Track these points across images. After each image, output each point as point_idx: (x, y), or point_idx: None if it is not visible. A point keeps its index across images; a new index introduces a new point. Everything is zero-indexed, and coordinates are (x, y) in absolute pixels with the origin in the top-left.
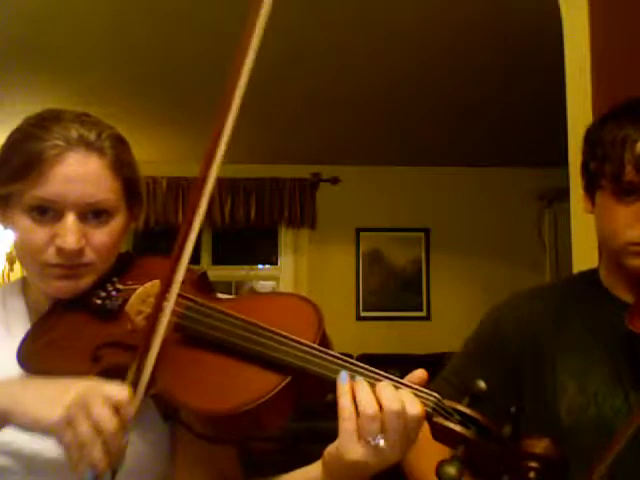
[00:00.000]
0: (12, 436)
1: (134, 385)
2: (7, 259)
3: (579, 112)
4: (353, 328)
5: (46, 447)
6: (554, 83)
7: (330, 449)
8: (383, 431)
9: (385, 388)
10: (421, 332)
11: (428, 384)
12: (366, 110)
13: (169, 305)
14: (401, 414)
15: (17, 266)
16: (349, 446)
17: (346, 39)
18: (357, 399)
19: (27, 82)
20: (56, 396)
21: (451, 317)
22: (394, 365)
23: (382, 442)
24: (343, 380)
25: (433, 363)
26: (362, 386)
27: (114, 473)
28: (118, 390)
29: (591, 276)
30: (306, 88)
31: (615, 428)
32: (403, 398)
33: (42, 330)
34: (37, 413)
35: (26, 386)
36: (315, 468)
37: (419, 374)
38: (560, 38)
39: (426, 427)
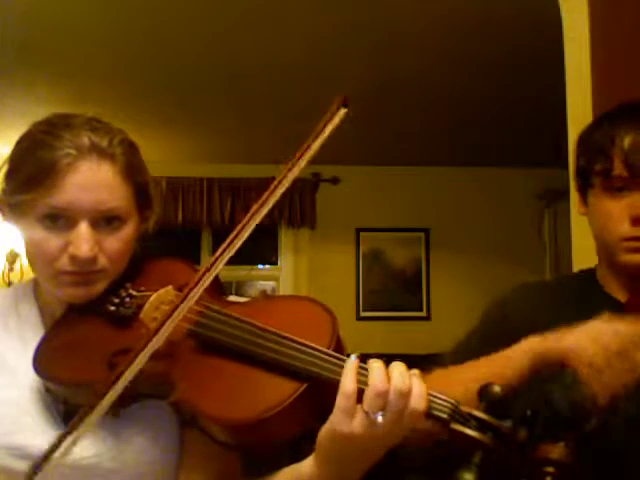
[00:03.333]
0: (27, 440)
1: (114, 382)
2: (7, 259)
3: (579, 112)
4: (353, 328)
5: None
6: (554, 83)
7: (323, 432)
8: (384, 407)
9: (398, 366)
10: (421, 332)
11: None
12: (366, 110)
13: (182, 310)
14: (405, 395)
15: (17, 266)
16: (344, 421)
17: (345, 39)
18: (371, 372)
19: (29, 83)
20: None
21: (451, 317)
22: None
23: (380, 418)
24: (353, 357)
25: (433, 363)
26: (377, 363)
27: None
28: None
29: (588, 275)
30: (306, 88)
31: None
32: (413, 384)
33: (57, 337)
34: None
35: None
36: (306, 462)
37: (413, 373)
38: (560, 39)
39: None
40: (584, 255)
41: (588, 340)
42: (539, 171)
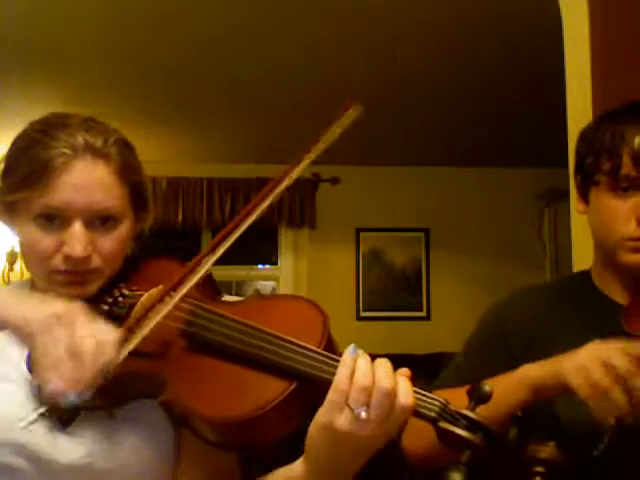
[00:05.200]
0: (27, 438)
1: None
2: (7, 259)
3: (579, 112)
4: (353, 328)
5: (61, 452)
6: (554, 83)
7: (312, 427)
8: (368, 404)
9: (383, 364)
10: (421, 332)
11: (414, 381)
12: (366, 110)
13: (169, 303)
14: (390, 394)
15: (17, 266)
16: (331, 415)
17: (346, 39)
18: (355, 368)
19: (26, 82)
20: (49, 302)
21: (451, 317)
22: (394, 365)
23: (364, 414)
24: (351, 352)
25: (433, 363)
26: (364, 358)
27: (76, 408)
28: (109, 328)
29: (584, 277)
30: (306, 88)
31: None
32: (399, 382)
33: None
34: (25, 312)
35: (23, 293)
36: (297, 463)
37: (403, 372)
38: (560, 38)
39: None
40: (584, 255)
41: (589, 359)
42: (539, 171)
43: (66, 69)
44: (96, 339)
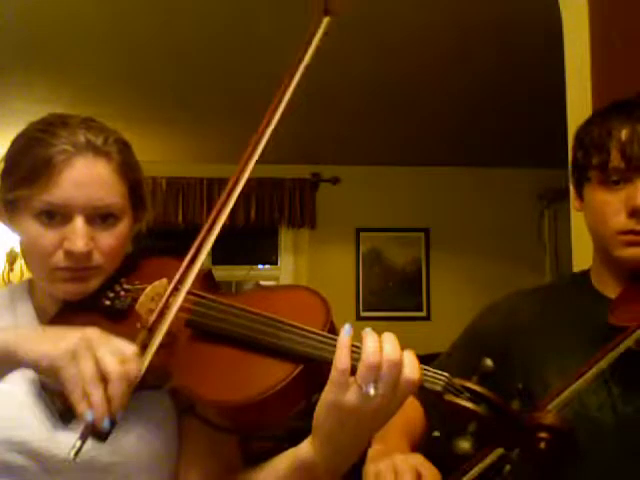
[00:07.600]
0: (27, 436)
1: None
2: (7, 259)
3: (579, 112)
4: (353, 328)
5: (61, 448)
6: (554, 83)
7: (319, 406)
8: (376, 380)
9: (389, 337)
10: (421, 332)
11: None
12: (366, 110)
13: (178, 298)
14: (397, 364)
15: (17, 266)
16: (337, 394)
17: (346, 40)
18: (364, 346)
19: (27, 81)
20: (63, 334)
21: (451, 317)
22: None
23: (372, 391)
24: (347, 331)
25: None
26: (371, 335)
27: (113, 424)
28: (125, 344)
29: (582, 277)
30: (307, 88)
31: (600, 423)
32: (406, 355)
33: None
34: (43, 348)
35: (34, 329)
36: (303, 445)
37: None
38: (560, 38)
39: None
40: (584, 255)
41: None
42: (539, 171)
43: (67, 69)
44: (119, 359)
